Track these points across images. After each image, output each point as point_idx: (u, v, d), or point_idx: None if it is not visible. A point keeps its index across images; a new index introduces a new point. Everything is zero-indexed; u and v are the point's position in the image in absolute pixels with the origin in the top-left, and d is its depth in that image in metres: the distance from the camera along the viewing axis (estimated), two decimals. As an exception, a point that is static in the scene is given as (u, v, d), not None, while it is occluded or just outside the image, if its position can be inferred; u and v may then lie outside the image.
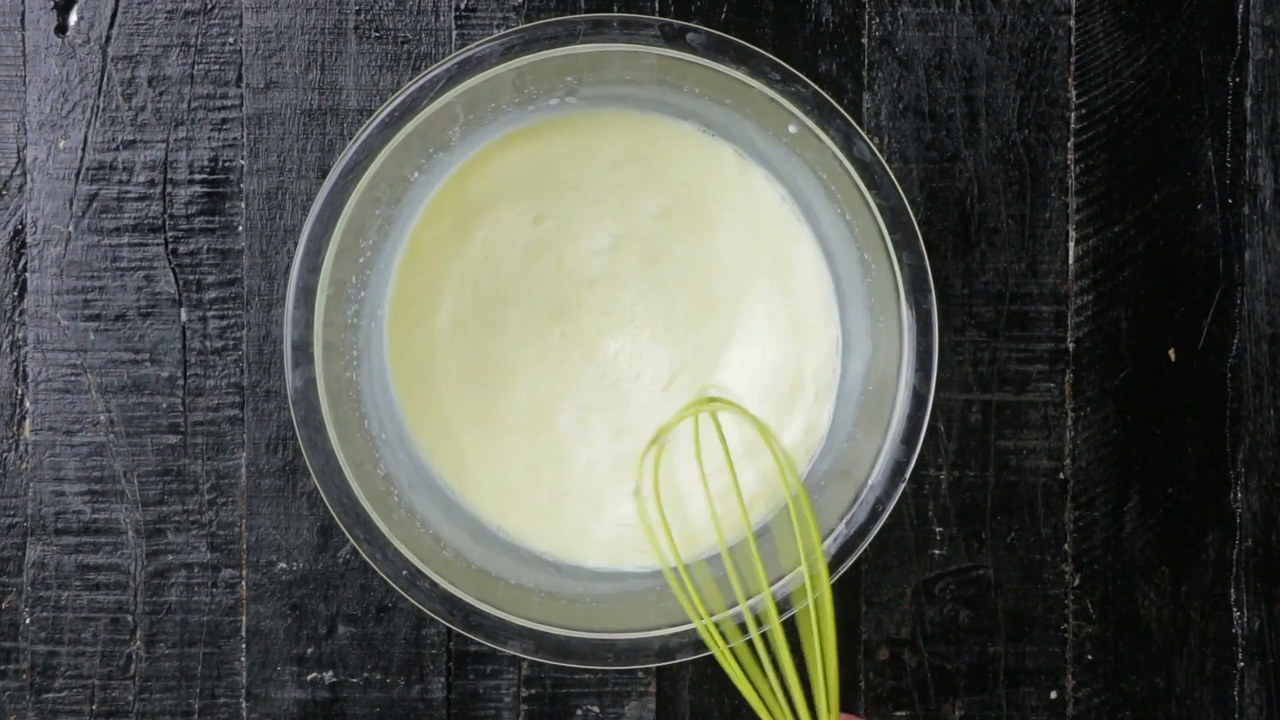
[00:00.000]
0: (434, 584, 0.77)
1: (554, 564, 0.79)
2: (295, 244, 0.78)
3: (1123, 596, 0.82)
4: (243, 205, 0.81)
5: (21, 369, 0.81)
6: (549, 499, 0.79)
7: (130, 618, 0.81)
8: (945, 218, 0.82)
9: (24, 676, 0.81)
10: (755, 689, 0.71)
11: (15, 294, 0.81)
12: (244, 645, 0.81)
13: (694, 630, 0.78)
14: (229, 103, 0.81)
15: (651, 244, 0.79)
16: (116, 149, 0.81)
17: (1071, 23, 0.82)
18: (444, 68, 0.77)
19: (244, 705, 0.81)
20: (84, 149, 0.81)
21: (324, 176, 0.79)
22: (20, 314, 0.81)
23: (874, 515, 0.77)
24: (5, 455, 0.81)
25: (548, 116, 0.78)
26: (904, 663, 0.82)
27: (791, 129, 0.74)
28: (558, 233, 0.79)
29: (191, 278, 0.81)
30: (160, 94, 0.81)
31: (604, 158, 0.79)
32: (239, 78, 0.81)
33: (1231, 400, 0.82)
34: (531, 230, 0.79)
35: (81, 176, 0.81)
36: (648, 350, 0.80)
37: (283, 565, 0.81)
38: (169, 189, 0.81)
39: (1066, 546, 0.82)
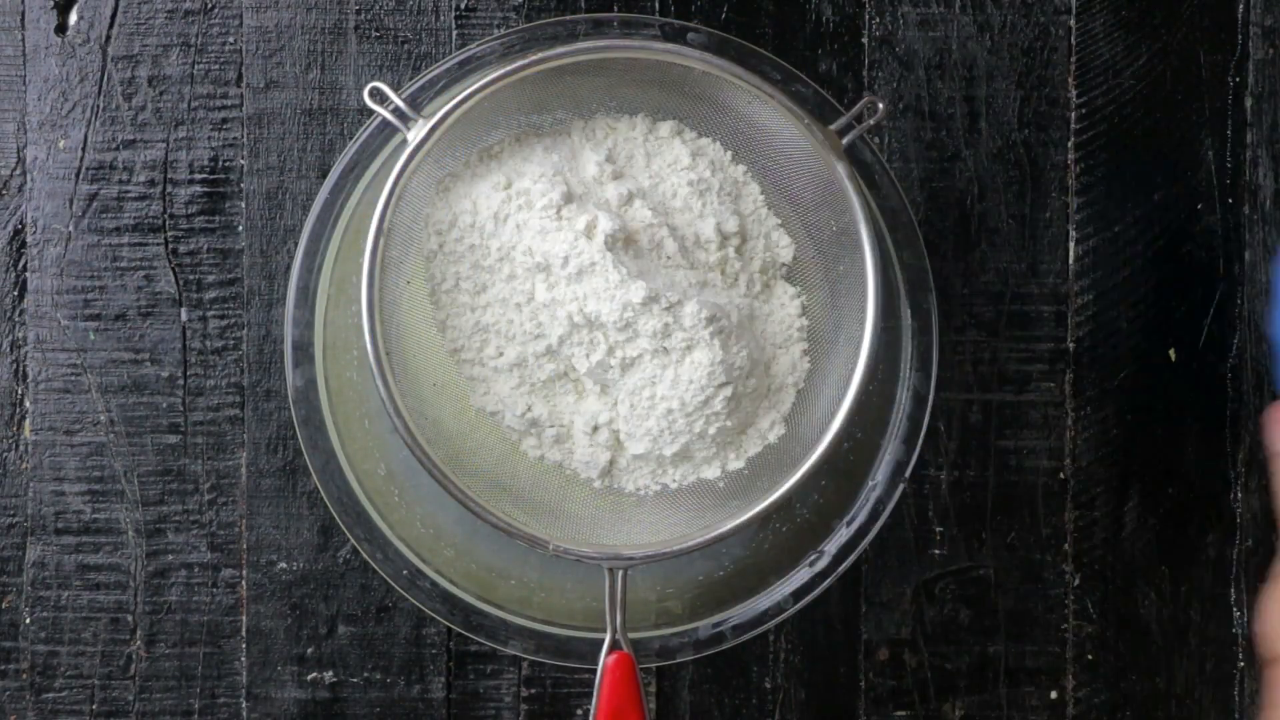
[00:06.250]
0: (434, 584, 0.77)
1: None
2: (295, 244, 0.78)
3: (1123, 596, 0.82)
4: (243, 205, 0.81)
5: (21, 369, 0.81)
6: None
7: (130, 618, 0.81)
8: (945, 218, 0.82)
9: (24, 676, 0.81)
10: None
11: (15, 294, 0.81)
12: (244, 645, 0.81)
13: (694, 630, 0.78)
14: (229, 102, 0.81)
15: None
16: (116, 149, 0.81)
17: (1071, 23, 0.82)
18: (444, 68, 0.77)
19: (244, 705, 0.81)
20: (84, 149, 0.81)
21: (324, 176, 0.79)
22: (20, 314, 0.81)
23: (874, 515, 0.77)
24: (5, 455, 0.81)
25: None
26: (904, 663, 0.82)
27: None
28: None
29: (191, 277, 0.81)
30: (160, 94, 0.81)
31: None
32: (239, 77, 0.81)
33: (1231, 400, 0.82)
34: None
35: (81, 176, 0.81)
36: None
37: (283, 565, 0.81)
38: (169, 189, 0.81)
39: (1066, 546, 0.82)
